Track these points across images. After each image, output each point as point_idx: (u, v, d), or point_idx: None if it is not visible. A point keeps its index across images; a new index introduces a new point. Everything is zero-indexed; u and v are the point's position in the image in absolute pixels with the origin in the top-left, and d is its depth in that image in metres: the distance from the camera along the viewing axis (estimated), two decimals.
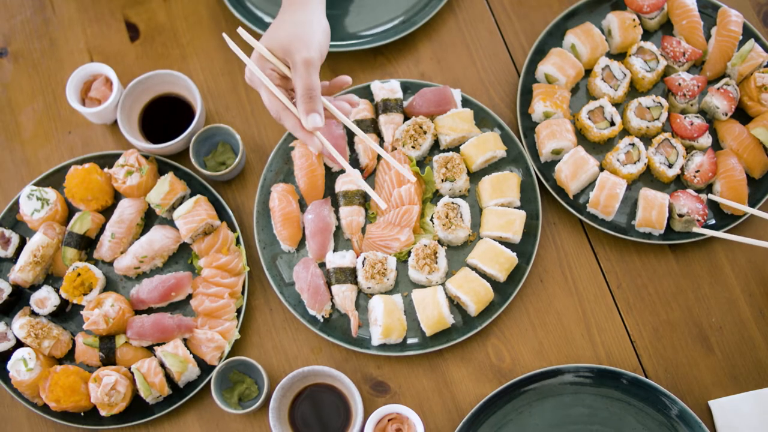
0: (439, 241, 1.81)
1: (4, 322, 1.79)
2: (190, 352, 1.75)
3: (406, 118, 1.90)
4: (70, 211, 1.88)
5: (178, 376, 1.72)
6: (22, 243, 1.82)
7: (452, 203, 1.80)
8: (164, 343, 1.75)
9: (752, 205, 1.82)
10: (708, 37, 1.92)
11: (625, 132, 1.89)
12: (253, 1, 2.03)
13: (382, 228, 1.80)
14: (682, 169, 1.82)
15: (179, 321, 1.75)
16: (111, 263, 1.84)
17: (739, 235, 1.78)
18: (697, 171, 1.80)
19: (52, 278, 1.84)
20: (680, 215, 1.68)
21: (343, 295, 1.76)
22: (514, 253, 1.77)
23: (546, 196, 1.85)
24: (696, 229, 1.68)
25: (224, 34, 1.56)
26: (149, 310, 1.81)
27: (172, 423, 1.76)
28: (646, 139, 1.87)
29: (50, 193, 1.83)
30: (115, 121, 1.92)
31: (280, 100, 1.50)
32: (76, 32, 2.05)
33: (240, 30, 1.53)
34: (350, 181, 1.81)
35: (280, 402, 1.70)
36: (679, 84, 1.85)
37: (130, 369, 1.74)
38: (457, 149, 1.88)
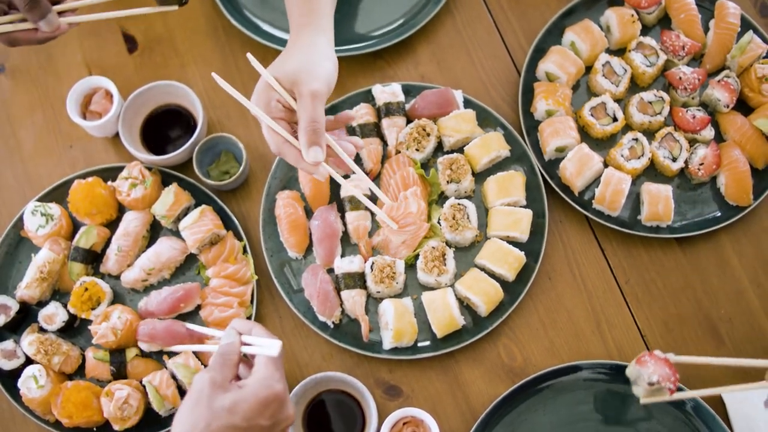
0: (447, 243, 1.81)
1: (12, 340, 1.77)
2: (202, 363, 1.74)
3: (409, 120, 1.89)
4: (75, 225, 1.86)
5: None
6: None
7: (459, 204, 1.79)
8: (175, 354, 1.74)
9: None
10: (706, 30, 1.93)
11: (627, 127, 1.89)
12: (250, 8, 2.03)
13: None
14: (685, 162, 1.83)
15: (190, 332, 1.74)
16: (118, 277, 1.83)
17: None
18: (701, 164, 1.81)
19: (59, 294, 1.83)
20: (650, 384, 1.44)
21: (353, 300, 1.76)
22: (522, 252, 1.77)
23: (551, 194, 1.85)
24: (667, 398, 1.46)
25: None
26: None
27: None
28: (649, 133, 1.88)
29: (54, 209, 1.82)
30: (117, 134, 1.91)
31: (280, 134, 1.45)
32: (73, 46, 2.04)
33: (249, 56, 1.45)
34: (356, 186, 1.79)
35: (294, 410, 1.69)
36: (680, 78, 1.85)
37: (141, 382, 1.73)
38: (460, 150, 1.88)
